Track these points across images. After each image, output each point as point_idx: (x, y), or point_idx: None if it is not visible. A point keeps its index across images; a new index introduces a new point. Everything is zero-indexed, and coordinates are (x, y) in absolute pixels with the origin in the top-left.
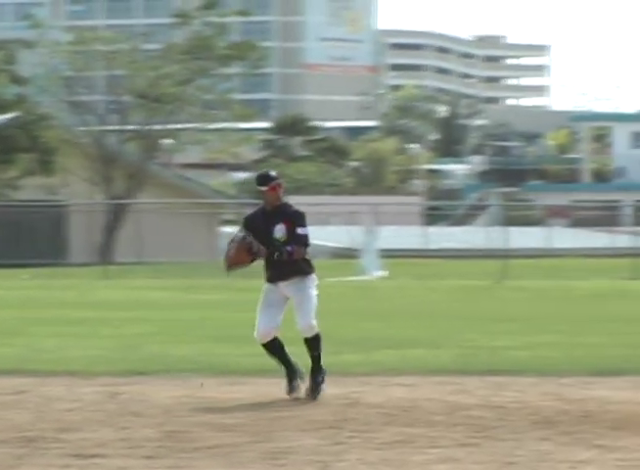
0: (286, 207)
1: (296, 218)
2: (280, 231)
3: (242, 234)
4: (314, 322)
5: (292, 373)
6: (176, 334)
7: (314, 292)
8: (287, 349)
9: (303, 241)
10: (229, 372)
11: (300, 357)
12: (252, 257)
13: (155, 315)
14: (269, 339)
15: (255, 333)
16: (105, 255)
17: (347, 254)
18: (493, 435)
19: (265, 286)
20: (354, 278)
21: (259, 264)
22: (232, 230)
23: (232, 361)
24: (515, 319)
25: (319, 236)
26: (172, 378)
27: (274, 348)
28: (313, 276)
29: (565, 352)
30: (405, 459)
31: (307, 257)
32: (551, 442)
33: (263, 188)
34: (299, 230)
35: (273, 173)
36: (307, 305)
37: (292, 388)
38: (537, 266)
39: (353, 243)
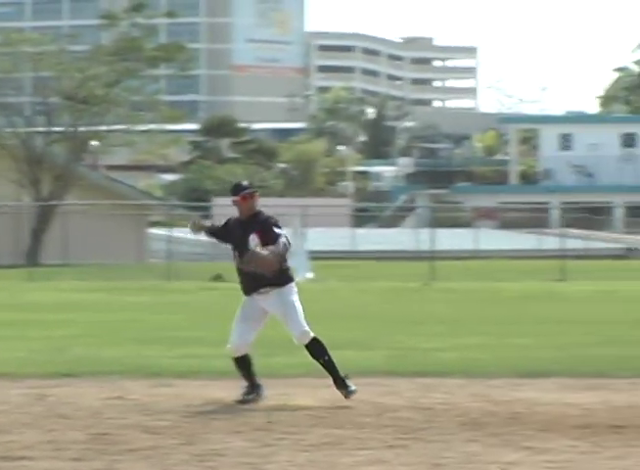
0: (258, 216)
1: (267, 225)
2: (253, 241)
3: (258, 249)
4: (306, 328)
5: (251, 388)
6: (103, 336)
7: (295, 298)
8: (254, 367)
9: (282, 239)
10: (157, 374)
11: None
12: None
13: (82, 317)
14: (239, 354)
15: (228, 345)
16: (32, 257)
17: None
18: (422, 436)
19: (243, 298)
20: None
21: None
22: (159, 232)
23: (159, 363)
24: (443, 321)
25: None
26: (100, 380)
27: (242, 363)
28: (290, 285)
29: (493, 354)
30: (334, 461)
31: (284, 266)
32: (479, 443)
33: (234, 198)
34: (276, 230)
35: (245, 183)
36: (293, 313)
37: (248, 392)
38: (466, 268)
39: None
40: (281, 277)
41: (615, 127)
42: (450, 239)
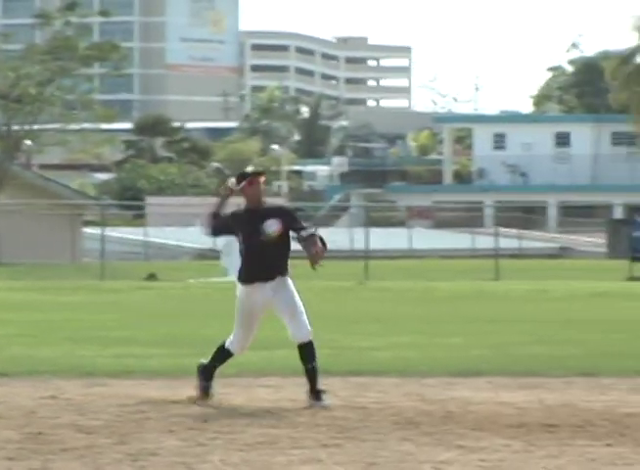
0: (270, 204)
1: (288, 212)
2: (271, 227)
3: (311, 231)
4: (309, 328)
5: (207, 378)
6: (37, 335)
7: (297, 295)
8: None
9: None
10: (91, 374)
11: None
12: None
13: (16, 317)
14: (240, 354)
15: (235, 344)
16: None
17: (210, 255)
18: (356, 435)
19: (246, 297)
20: (217, 279)
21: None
22: (93, 231)
23: (93, 363)
24: (377, 320)
25: (182, 237)
26: (34, 379)
27: (225, 358)
28: (288, 278)
29: (426, 353)
30: (268, 460)
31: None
32: (413, 442)
33: (241, 186)
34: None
35: (249, 170)
36: (299, 311)
37: (203, 388)
38: (399, 267)
39: (216, 244)
40: (286, 267)
41: (548, 127)
42: (384, 238)
